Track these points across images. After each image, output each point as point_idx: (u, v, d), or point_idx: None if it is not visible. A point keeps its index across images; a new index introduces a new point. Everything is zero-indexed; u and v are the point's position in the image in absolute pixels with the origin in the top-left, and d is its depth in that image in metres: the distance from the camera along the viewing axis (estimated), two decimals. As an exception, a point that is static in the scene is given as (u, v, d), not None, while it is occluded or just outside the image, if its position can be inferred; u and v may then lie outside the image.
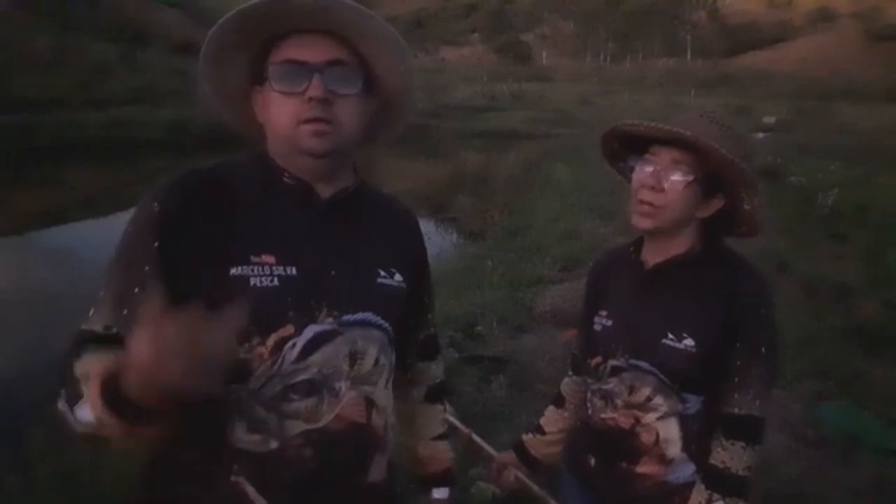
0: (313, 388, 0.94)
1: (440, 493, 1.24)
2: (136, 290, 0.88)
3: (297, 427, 0.93)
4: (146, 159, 14.28)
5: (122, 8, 27.39)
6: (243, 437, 0.91)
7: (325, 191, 1.00)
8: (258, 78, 0.97)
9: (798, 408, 3.58)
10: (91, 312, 0.90)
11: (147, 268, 0.89)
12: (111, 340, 0.86)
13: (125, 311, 0.88)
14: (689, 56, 66.47)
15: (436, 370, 1.28)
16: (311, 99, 0.91)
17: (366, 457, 1.01)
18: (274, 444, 0.92)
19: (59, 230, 9.13)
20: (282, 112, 0.94)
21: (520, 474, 1.53)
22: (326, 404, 0.95)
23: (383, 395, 1.03)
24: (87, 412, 0.76)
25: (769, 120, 25.22)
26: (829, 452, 3.18)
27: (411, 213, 1.19)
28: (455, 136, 20.18)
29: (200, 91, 1.01)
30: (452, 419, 1.42)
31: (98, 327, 0.88)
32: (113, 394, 0.71)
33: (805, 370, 3.94)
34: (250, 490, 0.89)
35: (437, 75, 38.13)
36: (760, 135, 20.57)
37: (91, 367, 0.78)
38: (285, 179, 0.98)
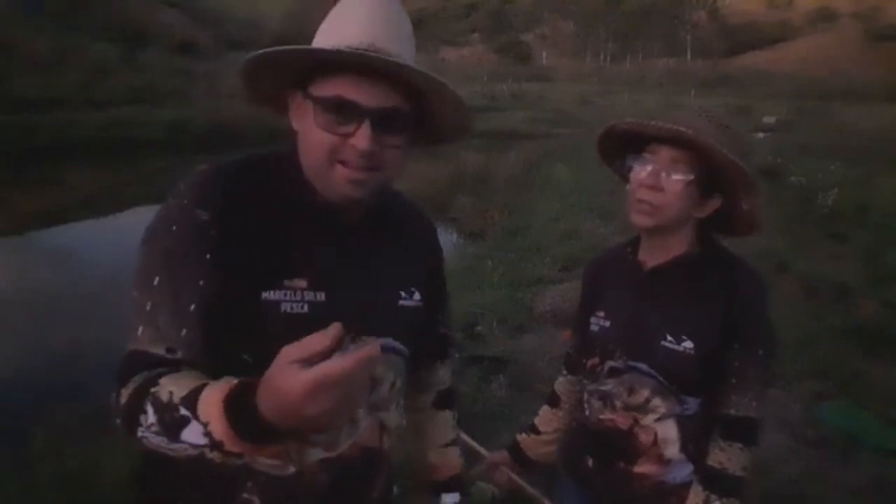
0: None
1: (451, 498, 1.25)
2: (192, 307, 0.84)
3: (316, 454, 0.93)
4: (146, 159, 14.28)
5: (122, 8, 27.39)
6: (262, 459, 0.90)
7: (352, 214, 0.97)
8: (299, 82, 0.90)
9: (798, 408, 3.58)
10: (139, 330, 0.84)
11: (201, 282, 0.85)
12: (178, 363, 0.82)
13: (184, 332, 0.84)
14: (689, 56, 66.37)
15: (444, 374, 1.27)
16: (354, 145, 0.85)
17: (374, 477, 1.03)
18: (291, 470, 0.92)
19: (59, 230, 9.12)
20: (318, 145, 0.87)
21: (512, 474, 1.53)
22: (346, 432, 0.95)
23: (395, 416, 1.05)
24: (196, 435, 0.73)
25: (769, 120, 25.19)
26: (829, 452, 3.18)
27: (428, 220, 1.18)
28: (455, 136, 20.12)
29: (241, 92, 0.95)
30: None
31: (159, 350, 0.83)
32: (236, 416, 0.70)
33: (805, 370, 3.94)
34: None
35: (437, 75, 38.00)
36: (760, 135, 20.55)
37: (189, 389, 0.75)
38: (316, 200, 0.93)
